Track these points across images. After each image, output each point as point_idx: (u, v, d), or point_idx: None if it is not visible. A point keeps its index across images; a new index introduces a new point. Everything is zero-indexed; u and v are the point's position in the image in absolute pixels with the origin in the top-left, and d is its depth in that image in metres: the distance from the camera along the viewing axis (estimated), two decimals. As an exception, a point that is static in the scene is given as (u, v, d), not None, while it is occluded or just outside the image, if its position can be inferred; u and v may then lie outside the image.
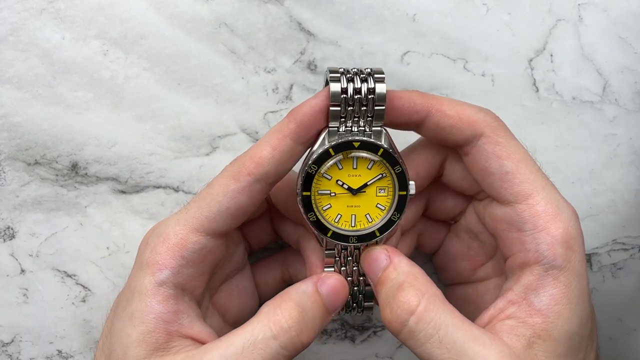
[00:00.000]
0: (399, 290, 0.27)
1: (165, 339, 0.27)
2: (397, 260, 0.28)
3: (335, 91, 0.27)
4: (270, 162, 0.27)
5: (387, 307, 0.27)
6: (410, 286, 0.27)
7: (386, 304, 0.27)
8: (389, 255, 0.29)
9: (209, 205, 0.28)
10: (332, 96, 0.27)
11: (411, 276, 0.27)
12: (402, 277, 0.27)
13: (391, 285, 0.27)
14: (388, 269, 0.28)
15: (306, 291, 0.28)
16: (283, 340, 0.26)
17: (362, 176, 0.29)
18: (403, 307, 0.26)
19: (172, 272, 0.28)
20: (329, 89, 0.27)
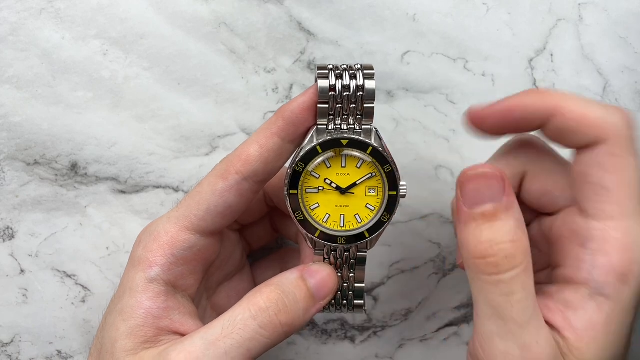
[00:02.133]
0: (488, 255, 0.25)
1: (154, 334, 0.27)
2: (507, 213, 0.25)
3: (323, 87, 0.26)
4: (258, 161, 0.27)
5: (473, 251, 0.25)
6: (517, 250, 0.25)
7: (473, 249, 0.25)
8: (504, 190, 0.25)
9: (198, 204, 0.28)
10: (320, 93, 0.27)
11: (513, 245, 0.25)
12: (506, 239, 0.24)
13: (487, 240, 0.25)
14: (494, 211, 0.25)
15: (289, 277, 0.28)
16: (261, 319, 0.26)
17: (351, 175, 0.28)
18: (490, 268, 0.25)
19: (163, 270, 0.28)
20: (317, 86, 0.27)
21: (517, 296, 0.24)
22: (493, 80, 0.37)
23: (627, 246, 0.25)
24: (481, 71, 0.37)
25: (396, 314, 0.39)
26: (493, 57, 0.37)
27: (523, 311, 0.24)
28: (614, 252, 0.25)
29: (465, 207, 0.25)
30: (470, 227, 0.25)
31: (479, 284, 0.25)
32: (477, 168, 0.25)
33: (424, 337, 0.39)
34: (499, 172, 0.25)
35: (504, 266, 0.24)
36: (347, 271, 0.30)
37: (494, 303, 0.25)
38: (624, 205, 0.25)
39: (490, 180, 0.25)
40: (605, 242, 0.25)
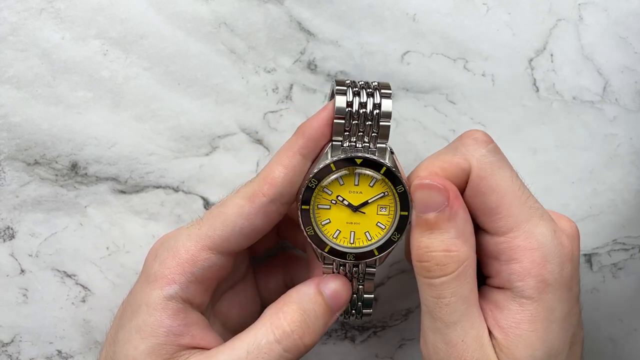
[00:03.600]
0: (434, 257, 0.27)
1: (175, 351, 0.27)
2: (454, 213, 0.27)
3: (340, 106, 0.27)
4: (284, 181, 0.27)
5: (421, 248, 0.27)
6: (450, 260, 0.27)
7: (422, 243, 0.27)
8: (447, 201, 0.27)
9: (223, 225, 0.28)
10: (337, 110, 0.27)
11: (457, 256, 0.27)
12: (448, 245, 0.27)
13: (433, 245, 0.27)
14: (442, 214, 0.27)
15: (308, 293, 0.28)
16: (286, 344, 0.26)
17: (363, 193, 0.28)
18: (436, 271, 0.27)
19: (181, 287, 0.28)
20: (334, 102, 0.27)
21: (445, 300, 0.26)
22: (493, 80, 0.37)
23: (534, 248, 0.27)
24: (481, 71, 0.37)
25: (396, 314, 0.39)
26: (493, 57, 0.37)
27: (450, 313, 0.26)
28: (524, 258, 0.27)
29: (415, 212, 0.27)
30: (416, 232, 0.27)
31: (418, 283, 0.28)
32: (427, 178, 0.27)
33: (424, 337, 0.39)
34: (443, 184, 0.26)
35: (435, 272, 0.26)
36: (356, 283, 0.30)
37: (427, 302, 0.27)
38: (515, 215, 0.27)
39: (435, 191, 0.27)
40: (513, 252, 0.27)
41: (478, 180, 0.27)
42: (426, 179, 0.27)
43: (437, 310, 0.26)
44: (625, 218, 0.39)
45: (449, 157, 0.28)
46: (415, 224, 0.27)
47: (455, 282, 0.26)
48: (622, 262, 0.39)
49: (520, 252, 0.27)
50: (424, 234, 0.27)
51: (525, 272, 0.27)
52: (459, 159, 0.28)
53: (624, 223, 0.39)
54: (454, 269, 0.26)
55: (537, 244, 0.27)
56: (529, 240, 0.27)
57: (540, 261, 0.27)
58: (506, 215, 0.27)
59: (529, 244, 0.27)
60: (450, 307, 0.26)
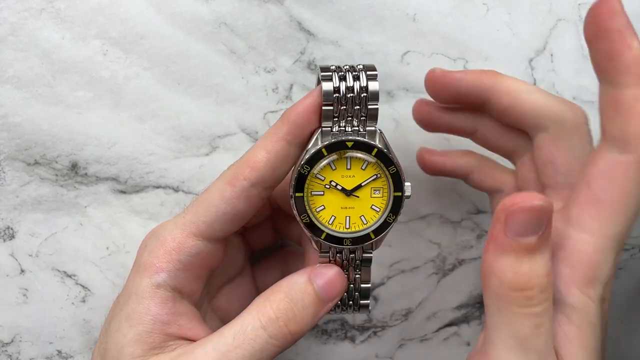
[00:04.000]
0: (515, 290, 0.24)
1: (162, 339, 0.27)
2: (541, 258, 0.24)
3: (327, 90, 0.26)
4: (266, 166, 0.27)
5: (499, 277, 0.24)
6: (550, 284, 0.24)
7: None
8: (549, 219, 0.24)
9: (206, 211, 0.28)
10: (324, 95, 0.26)
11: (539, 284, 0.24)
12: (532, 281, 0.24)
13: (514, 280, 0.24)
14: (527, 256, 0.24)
15: (297, 282, 0.28)
16: (271, 330, 0.26)
17: (356, 177, 0.28)
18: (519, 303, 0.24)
19: (169, 275, 0.28)
20: (321, 88, 0.27)
21: (543, 328, 0.24)
22: (493, 80, 0.37)
23: (594, 264, 0.25)
24: (481, 71, 0.37)
25: (396, 314, 0.39)
26: (493, 57, 0.37)
27: (546, 342, 0.24)
28: (580, 266, 0.25)
29: (508, 235, 0.24)
30: (509, 258, 0.24)
31: (507, 314, 0.24)
32: (531, 199, 0.23)
33: (424, 337, 0.39)
34: (551, 206, 0.23)
35: (538, 299, 0.24)
36: (353, 272, 0.30)
37: (520, 334, 0.24)
38: (608, 225, 0.25)
39: (543, 214, 0.23)
40: (574, 254, 0.25)
41: (615, 164, 0.25)
42: (532, 200, 0.23)
43: (534, 340, 0.24)
44: (625, 218, 0.39)
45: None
46: (510, 249, 0.24)
47: (551, 305, 0.24)
48: (622, 262, 0.39)
49: (580, 260, 0.25)
50: (524, 259, 0.24)
51: (572, 280, 0.25)
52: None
53: (624, 223, 0.39)
54: (551, 292, 0.24)
55: (600, 263, 0.25)
56: (596, 254, 0.25)
57: (592, 277, 0.25)
58: (603, 218, 0.25)
59: (594, 258, 0.25)
60: (547, 335, 0.24)
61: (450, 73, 0.31)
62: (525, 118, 0.29)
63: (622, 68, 0.24)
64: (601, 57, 0.24)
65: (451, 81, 0.30)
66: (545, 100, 0.29)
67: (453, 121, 0.33)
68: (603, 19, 0.24)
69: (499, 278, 0.24)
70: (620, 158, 0.24)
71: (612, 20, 0.24)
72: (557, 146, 0.29)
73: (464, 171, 0.34)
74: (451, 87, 0.31)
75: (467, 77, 0.30)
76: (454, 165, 0.34)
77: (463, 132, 0.33)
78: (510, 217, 0.23)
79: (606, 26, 0.24)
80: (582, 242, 0.25)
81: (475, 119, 0.32)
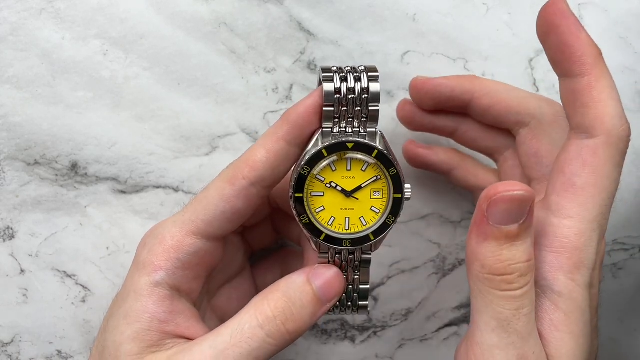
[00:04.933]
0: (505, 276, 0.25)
1: (159, 338, 0.27)
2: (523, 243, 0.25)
3: (329, 91, 0.26)
4: (265, 165, 0.27)
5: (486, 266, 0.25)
6: (530, 268, 0.25)
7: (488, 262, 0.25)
8: (531, 207, 0.25)
9: (205, 209, 0.28)
10: (326, 96, 0.27)
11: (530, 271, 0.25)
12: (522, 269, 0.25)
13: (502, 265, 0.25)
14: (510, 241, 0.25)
15: (296, 282, 0.28)
16: (269, 329, 0.26)
17: (356, 178, 0.28)
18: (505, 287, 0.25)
19: (167, 274, 0.28)
20: (322, 89, 0.27)
21: (524, 310, 0.25)
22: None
23: (577, 247, 0.25)
24: (481, 71, 0.37)
25: (396, 314, 0.39)
26: (493, 57, 0.37)
27: (527, 323, 0.25)
28: (564, 251, 0.26)
29: (490, 223, 0.25)
30: (491, 245, 0.25)
31: (488, 297, 0.25)
32: (512, 188, 0.24)
33: (424, 337, 0.39)
34: (532, 195, 0.24)
35: (518, 283, 0.25)
36: (352, 273, 0.30)
37: (501, 316, 0.25)
38: (587, 208, 0.26)
39: (524, 203, 0.24)
40: (556, 240, 0.26)
41: (595, 149, 0.26)
42: (513, 189, 0.24)
43: (515, 322, 0.25)
44: (625, 218, 0.39)
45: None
46: (491, 237, 0.25)
47: (532, 289, 0.25)
48: (622, 262, 0.39)
49: (564, 245, 0.26)
50: (504, 246, 0.25)
51: (559, 266, 0.25)
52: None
53: (624, 223, 0.39)
54: (532, 276, 0.25)
55: (583, 246, 0.25)
56: (579, 238, 0.25)
57: (577, 262, 0.25)
58: (582, 203, 0.26)
59: (577, 242, 0.25)
60: (528, 317, 0.25)
61: (431, 80, 0.32)
62: (505, 116, 0.31)
63: (573, 59, 0.25)
64: (554, 52, 0.26)
65: (433, 87, 0.32)
66: (523, 97, 0.31)
67: (434, 121, 0.34)
68: (552, 17, 0.25)
69: (481, 263, 0.25)
70: (588, 142, 0.26)
71: (560, 17, 0.25)
72: (538, 140, 0.31)
73: (446, 167, 0.35)
74: (434, 93, 0.32)
75: (448, 82, 0.32)
76: (437, 160, 0.35)
77: (445, 132, 0.34)
78: (492, 205, 0.25)
79: (555, 22, 0.25)
80: (564, 228, 0.26)
81: (456, 119, 0.34)
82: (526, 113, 0.31)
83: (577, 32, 0.25)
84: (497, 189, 0.24)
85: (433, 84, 0.32)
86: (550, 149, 0.30)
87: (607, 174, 0.26)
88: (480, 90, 0.31)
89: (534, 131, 0.31)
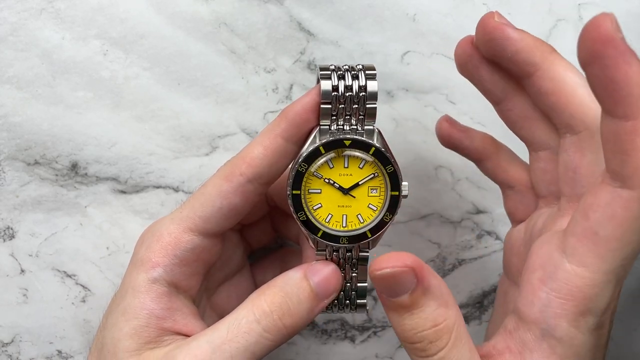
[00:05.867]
0: (428, 333, 0.25)
1: (157, 334, 0.27)
2: (427, 286, 0.24)
3: (326, 89, 0.27)
4: (262, 162, 0.27)
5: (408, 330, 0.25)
6: (441, 333, 0.24)
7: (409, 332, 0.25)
8: (416, 279, 0.24)
9: (202, 206, 0.28)
10: (323, 94, 0.27)
11: (441, 317, 0.24)
12: (432, 318, 0.24)
13: (419, 321, 0.24)
14: (415, 293, 0.24)
15: (293, 277, 0.28)
16: (265, 323, 0.26)
17: (353, 175, 0.28)
18: (428, 350, 0.25)
19: (165, 270, 0.28)
20: (320, 87, 0.27)
21: None
22: (493, 80, 0.37)
23: (588, 297, 0.24)
24: (481, 71, 0.37)
25: (396, 314, 0.39)
26: (493, 57, 0.37)
27: None
28: (572, 299, 0.24)
29: (383, 295, 0.25)
30: (393, 316, 0.25)
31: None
32: (386, 263, 0.24)
33: (424, 337, 0.39)
34: (408, 266, 0.24)
35: (431, 350, 0.24)
36: (350, 271, 0.30)
37: None
38: (606, 261, 0.23)
39: (400, 278, 0.24)
40: (566, 287, 0.24)
41: (621, 198, 0.23)
42: (384, 267, 0.24)
43: None
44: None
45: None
46: (389, 308, 0.25)
47: (454, 350, 0.24)
48: (622, 262, 0.39)
49: (573, 293, 0.24)
50: (404, 315, 0.24)
51: (563, 313, 0.24)
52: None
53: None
54: (449, 338, 0.24)
55: (594, 296, 0.24)
56: (591, 288, 0.24)
57: (584, 310, 0.24)
58: (602, 256, 0.23)
59: (589, 291, 0.24)
60: None
61: (506, 28, 0.26)
62: (559, 112, 0.26)
63: (617, 98, 0.21)
64: (597, 85, 0.22)
65: (503, 38, 0.26)
66: (585, 101, 0.26)
67: (483, 83, 0.29)
68: (594, 45, 0.21)
69: (395, 331, 0.25)
70: (622, 193, 0.22)
71: (604, 45, 0.21)
72: (582, 154, 0.26)
73: (478, 155, 0.32)
74: (501, 44, 0.27)
75: (521, 43, 0.26)
76: (471, 146, 0.31)
77: (489, 96, 0.29)
78: (376, 283, 0.24)
79: (598, 51, 0.21)
80: (577, 277, 0.24)
81: (508, 89, 0.28)
82: (580, 120, 0.26)
83: (624, 66, 0.21)
84: (374, 266, 0.24)
85: (505, 34, 0.26)
86: (592, 169, 0.26)
87: (636, 230, 0.23)
88: (547, 70, 0.26)
89: (581, 143, 0.26)
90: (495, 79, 0.28)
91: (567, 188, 0.27)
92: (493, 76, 0.28)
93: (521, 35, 0.26)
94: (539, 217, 0.29)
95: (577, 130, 0.26)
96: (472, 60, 0.28)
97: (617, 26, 0.21)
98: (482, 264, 0.39)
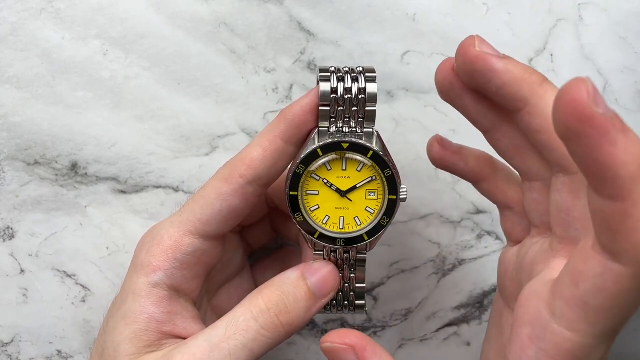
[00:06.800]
0: None
1: (157, 338, 0.27)
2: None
3: (325, 91, 0.27)
4: (262, 164, 0.27)
5: None
6: None
7: None
8: (356, 355, 0.26)
9: (202, 208, 0.28)
10: (322, 96, 0.27)
11: None
12: None
13: None
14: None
15: (290, 277, 0.28)
16: (263, 321, 0.26)
17: (351, 178, 0.28)
18: None
19: (166, 274, 0.28)
20: (319, 89, 0.27)
21: None
22: (493, 80, 0.37)
23: (577, 357, 0.22)
24: (481, 71, 0.37)
25: (396, 314, 0.39)
26: (493, 57, 0.37)
27: None
28: (560, 359, 0.22)
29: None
30: None
31: None
32: (332, 338, 0.26)
33: (424, 337, 0.39)
34: (348, 344, 0.26)
35: None
36: (348, 271, 0.30)
37: None
38: (595, 327, 0.21)
39: (340, 355, 0.26)
40: (554, 348, 0.22)
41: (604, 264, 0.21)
42: (329, 340, 0.26)
43: None
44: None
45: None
46: None
47: None
48: (622, 262, 0.39)
49: (560, 355, 0.22)
50: None
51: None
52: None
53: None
54: None
55: (580, 357, 0.22)
56: (578, 351, 0.22)
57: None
58: (592, 322, 0.22)
59: (575, 354, 0.22)
60: None
61: (489, 58, 0.24)
62: (552, 150, 0.24)
63: (605, 180, 0.19)
64: (580, 163, 0.19)
65: (486, 70, 0.24)
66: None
67: (469, 113, 0.27)
68: (571, 121, 0.18)
69: None
70: (613, 267, 0.20)
71: (582, 123, 0.18)
72: (576, 197, 0.24)
73: (474, 177, 0.30)
74: (484, 76, 0.24)
75: (507, 75, 0.24)
76: (466, 168, 0.29)
77: (478, 124, 0.27)
78: (323, 352, 0.26)
79: (576, 130, 0.18)
80: (567, 341, 0.22)
81: (495, 118, 0.26)
82: (573, 162, 0.21)
83: (608, 148, 0.18)
84: (325, 336, 0.26)
85: (490, 66, 0.24)
86: (586, 213, 0.23)
87: (627, 302, 0.21)
88: (536, 105, 0.24)
89: (574, 185, 0.24)
90: (480, 108, 0.26)
91: (560, 229, 0.25)
92: (478, 106, 0.26)
93: (507, 65, 0.24)
94: (530, 246, 0.27)
95: (570, 172, 0.24)
96: (454, 90, 0.26)
97: (594, 95, 0.17)
98: (482, 264, 0.39)
